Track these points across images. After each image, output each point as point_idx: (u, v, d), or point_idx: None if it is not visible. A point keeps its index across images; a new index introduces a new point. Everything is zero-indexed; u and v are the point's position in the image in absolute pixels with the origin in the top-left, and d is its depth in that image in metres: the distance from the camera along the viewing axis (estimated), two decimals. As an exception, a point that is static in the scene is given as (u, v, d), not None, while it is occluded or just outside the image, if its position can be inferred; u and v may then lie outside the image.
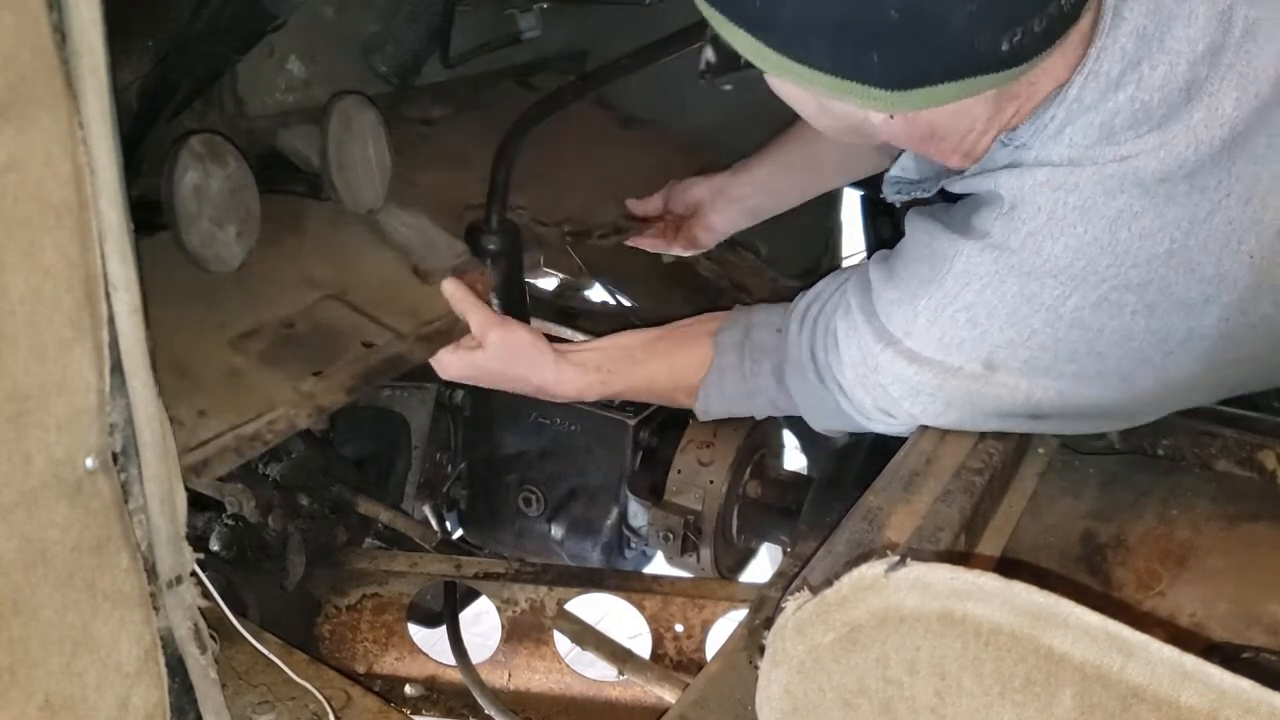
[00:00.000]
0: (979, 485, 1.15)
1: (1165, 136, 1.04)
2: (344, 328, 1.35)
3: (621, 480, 1.66)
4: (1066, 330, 1.09)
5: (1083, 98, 1.05)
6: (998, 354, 1.12)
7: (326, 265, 1.43)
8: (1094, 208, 1.06)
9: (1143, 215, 1.05)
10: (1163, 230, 1.05)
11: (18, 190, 0.73)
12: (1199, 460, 1.30)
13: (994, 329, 1.11)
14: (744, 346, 1.38)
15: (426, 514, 1.74)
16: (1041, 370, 1.12)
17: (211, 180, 1.21)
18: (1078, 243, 1.07)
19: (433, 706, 1.69)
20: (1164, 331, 1.09)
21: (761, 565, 1.90)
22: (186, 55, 1.28)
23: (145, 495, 0.89)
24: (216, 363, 1.22)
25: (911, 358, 1.16)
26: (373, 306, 1.39)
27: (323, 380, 1.26)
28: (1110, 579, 1.15)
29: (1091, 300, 1.08)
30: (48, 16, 0.72)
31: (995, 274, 1.10)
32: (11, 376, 0.75)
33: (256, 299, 1.31)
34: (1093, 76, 1.05)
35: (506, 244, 1.66)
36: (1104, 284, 1.07)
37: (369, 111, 1.39)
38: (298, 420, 1.23)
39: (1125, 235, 1.06)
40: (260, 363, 1.25)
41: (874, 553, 1.04)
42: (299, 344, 1.30)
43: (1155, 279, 1.07)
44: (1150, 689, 0.64)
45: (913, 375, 1.16)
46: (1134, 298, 1.07)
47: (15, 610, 0.80)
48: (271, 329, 1.29)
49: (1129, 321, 1.08)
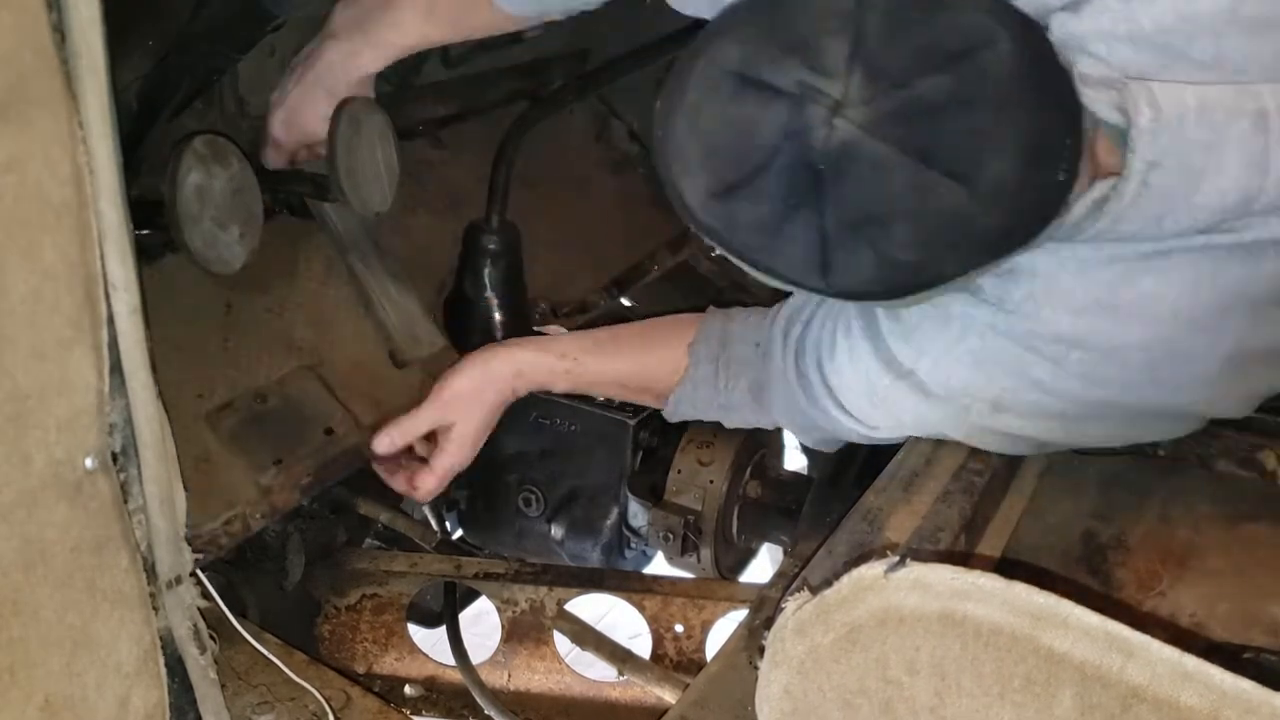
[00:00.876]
0: (979, 485, 1.15)
1: None
2: (310, 408, 1.40)
3: (621, 480, 1.66)
4: (1070, 381, 1.09)
5: (1090, 232, 1.02)
6: (1004, 397, 1.12)
7: (309, 327, 1.46)
8: (1091, 272, 1.05)
9: (1143, 277, 1.04)
10: (1167, 291, 1.04)
11: (18, 190, 0.73)
12: (1199, 460, 1.30)
13: (999, 374, 1.10)
14: (719, 360, 1.37)
15: (426, 514, 1.74)
16: (1046, 413, 1.12)
17: (214, 181, 1.21)
18: (1078, 306, 1.06)
19: (432, 707, 1.69)
20: (1169, 381, 1.09)
21: (761, 565, 1.89)
22: (186, 55, 1.28)
23: (145, 495, 0.89)
24: (192, 442, 1.26)
25: (922, 391, 1.15)
26: (341, 387, 1.44)
27: (281, 473, 1.33)
28: (1110, 579, 1.14)
29: (1094, 357, 1.07)
30: (48, 16, 0.72)
31: (992, 326, 1.09)
32: (11, 376, 0.75)
33: (238, 359, 1.37)
34: (1104, 231, 1.01)
35: (506, 244, 1.66)
36: (1107, 343, 1.07)
37: (377, 115, 1.39)
38: (252, 523, 1.29)
39: (1128, 296, 1.04)
40: (229, 446, 1.31)
41: (874, 553, 1.04)
42: (267, 423, 1.35)
43: (1161, 337, 1.05)
44: (1150, 689, 0.64)
45: (926, 411, 1.17)
46: (1139, 354, 1.07)
47: (15, 610, 0.80)
48: (245, 403, 1.35)
49: (1135, 374, 1.08)
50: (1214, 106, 0.95)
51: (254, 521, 1.30)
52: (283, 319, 1.44)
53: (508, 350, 1.42)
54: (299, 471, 1.36)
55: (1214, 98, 0.95)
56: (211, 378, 1.33)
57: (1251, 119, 0.95)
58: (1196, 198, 0.96)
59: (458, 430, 1.40)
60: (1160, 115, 0.94)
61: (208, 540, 1.24)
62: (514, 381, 1.41)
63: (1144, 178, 0.95)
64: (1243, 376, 1.11)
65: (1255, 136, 0.95)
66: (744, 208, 0.93)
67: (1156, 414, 1.15)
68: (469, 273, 1.66)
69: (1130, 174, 0.96)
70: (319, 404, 1.43)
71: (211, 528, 1.26)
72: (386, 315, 1.55)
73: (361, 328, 1.53)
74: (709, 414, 1.42)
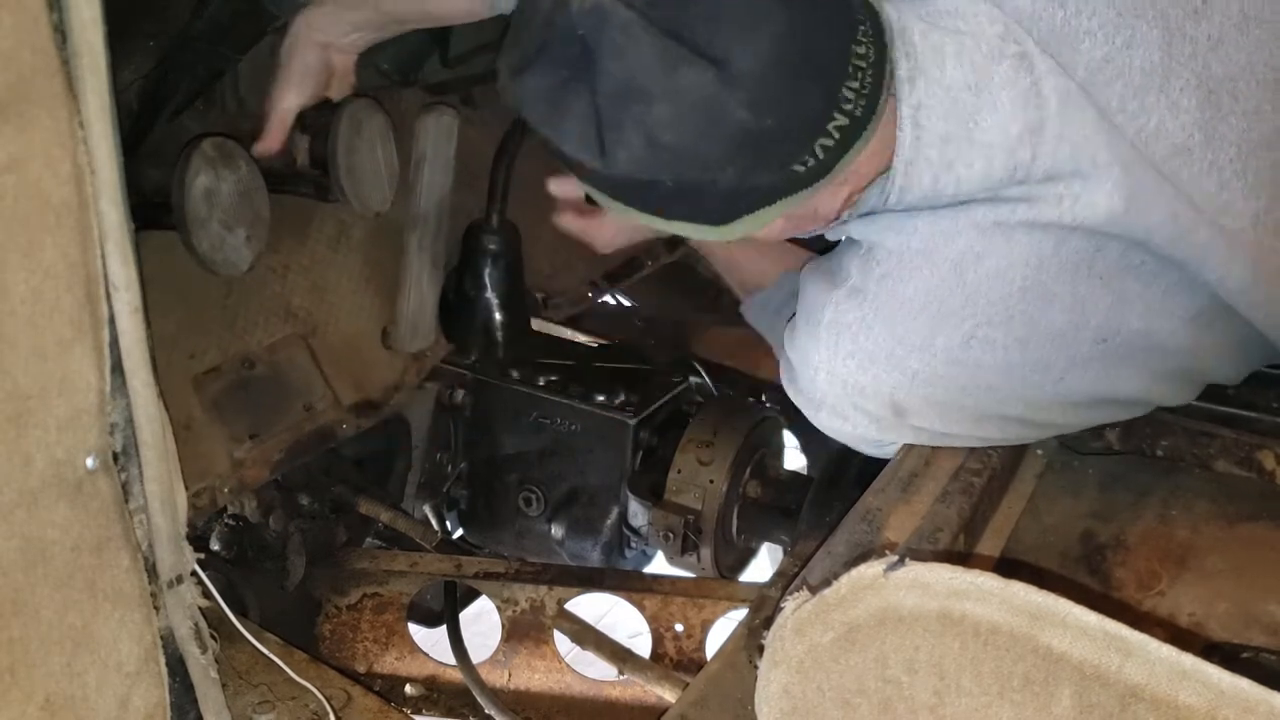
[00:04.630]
0: (978, 486, 1.15)
1: (994, 191, 1.04)
2: (294, 380, 1.43)
3: (621, 480, 1.66)
4: (945, 368, 1.10)
5: (903, 198, 1.06)
6: (898, 395, 1.13)
7: (309, 294, 1.47)
8: (936, 250, 1.07)
9: (986, 256, 1.06)
10: (1011, 268, 1.06)
11: (18, 190, 0.73)
12: (1198, 460, 1.30)
13: (882, 372, 1.12)
14: (783, 308, 1.37)
15: (426, 514, 1.74)
16: (942, 405, 1.14)
17: (222, 184, 1.21)
18: (927, 284, 1.08)
19: (433, 706, 1.69)
20: (1044, 361, 1.11)
21: (761, 565, 1.90)
22: (187, 55, 1.28)
23: (145, 495, 0.89)
24: (178, 406, 1.26)
25: (840, 415, 1.17)
26: (329, 361, 1.47)
27: (255, 448, 1.35)
28: (1110, 579, 1.14)
29: (958, 340, 1.09)
30: (48, 16, 0.72)
31: (862, 320, 1.11)
32: (12, 376, 0.75)
33: (235, 320, 1.37)
34: (906, 188, 1.05)
35: (506, 244, 1.66)
36: (965, 323, 1.08)
37: (378, 115, 1.39)
38: (219, 498, 1.31)
39: (973, 276, 1.07)
40: (210, 414, 1.32)
41: (873, 553, 1.04)
42: (250, 391, 1.37)
43: (1017, 314, 1.07)
44: (1149, 688, 0.64)
45: (851, 430, 1.19)
46: (1000, 334, 1.08)
47: (15, 610, 0.80)
48: (233, 368, 1.36)
49: (1004, 356, 1.09)
50: (972, 51, 1.01)
51: (221, 496, 1.31)
52: (285, 282, 1.45)
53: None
54: (271, 447, 1.37)
55: (971, 45, 1.01)
56: (205, 337, 1.34)
57: (1013, 60, 1.01)
58: (978, 134, 1.02)
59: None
60: (917, 64, 1.01)
61: None
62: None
63: (914, 119, 1.02)
64: (1131, 358, 1.13)
65: (1020, 75, 1.01)
66: (531, 81, 0.99)
67: (1059, 402, 1.16)
68: (469, 272, 1.66)
69: (902, 120, 1.02)
70: (304, 377, 1.44)
71: None
72: (407, 299, 1.56)
73: (359, 301, 1.54)
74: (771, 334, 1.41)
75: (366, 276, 1.55)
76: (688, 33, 0.93)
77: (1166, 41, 1.05)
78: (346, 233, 1.53)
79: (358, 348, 1.52)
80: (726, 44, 0.93)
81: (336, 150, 1.33)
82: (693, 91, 0.94)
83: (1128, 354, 1.13)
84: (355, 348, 1.51)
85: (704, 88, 0.93)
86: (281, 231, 1.43)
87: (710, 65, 0.93)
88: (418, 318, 1.57)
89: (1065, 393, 1.15)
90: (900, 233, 1.09)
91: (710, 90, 0.93)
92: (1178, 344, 1.14)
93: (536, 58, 0.98)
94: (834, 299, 1.13)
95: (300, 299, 1.46)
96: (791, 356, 1.19)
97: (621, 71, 0.94)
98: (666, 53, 0.93)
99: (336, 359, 1.48)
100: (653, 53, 0.93)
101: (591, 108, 0.97)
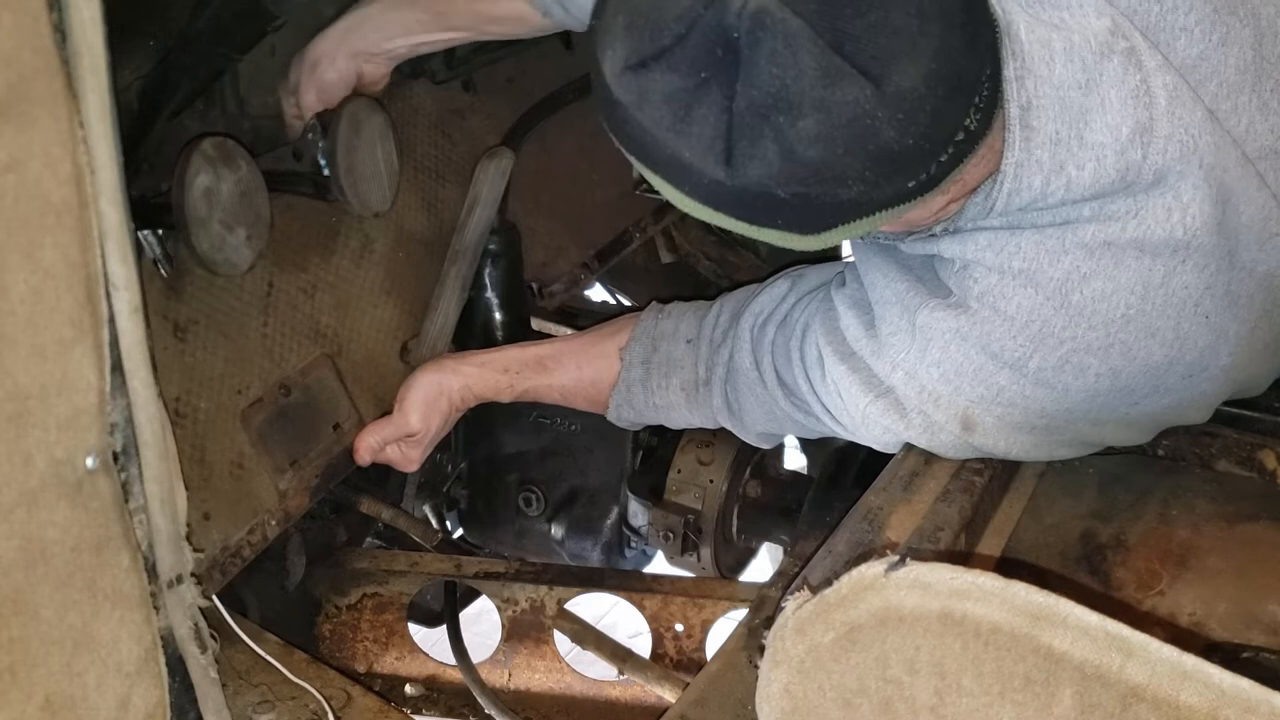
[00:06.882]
0: (979, 485, 1.15)
1: (1103, 204, 1.02)
2: (324, 401, 1.44)
3: (621, 480, 1.66)
4: (1033, 389, 1.09)
5: (1011, 204, 1.03)
6: (972, 412, 1.11)
7: (334, 312, 1.48)
8: (1040, 270, 1.05)
9: (1093, 278, 1.04)
10: (1116, 294, 1.04)
11: (18, 190, 0.73)
12: (1199, 460, 1.30)
13: (965, 385, 1.10)
14: (650, 362, 1.38)
15: (427, 514, 1.74)
16: (1014, 426, 1.12)
17: (223, 184, 1.21)
18: (1030, 304, 1.05)
19: (433, 706, 1.69)
20: (1129, 389, 1.09)
21: (761, 565, 1.90)
22: (187, 55, 1.28)
23: (145, 495, 0.89)
24: (228, 446, 1.30)
25: (899, 411, 1.15)
26: (352, 379, 1.48)
27: (295, 476, 1.37)
28: (1110, 579, 1.14)
29: (1053, 362, 1.07)
30: (48, 16, 0.72)
31: (957, 331, 1.09)
32: (12, 376, 0.75)
33: (272, 348, 1.38)
34: (1015, 192, 1.02)
35: (506, 244, 1.66)
36: (1063, 346, 1.06)
37: (378, 115, 1.39)
38: (269, 531, 1.32)
39: (1078, 298, 1.04)
40: (258, 447, 1.33)
41: (874, 552, 1.04)
42: (288, 419, 1.38)
43: (1116, 343, 1.05)
44: (1150, 688, 0.64)
45: (901, 431, 1.17)
46: (1096, 361, 1.06)
47: (15, 610, 0.80)
48: (272, 397, 1.36)
49: (1094, 384, 1.08)
50: (1081, 48, 0.98)
51: (270, 530, 1.32)
52: (313, 301, 1.45)
53: (455, 365, 1.44)
54: (309, 474, 1.38)
55: (1079, 41, 0.98)
56: (248, 370, 1.34)
57: (1122, 56, 0.98)
58: (1089, 135, 0.99)
59: (418, 437, 1.43)
60: (1025, 63, 0.97)
61: (233, 553, 1.25)
62: (463, 394, 1.44)
63: (1023, 120, 0.98)
64: (1207, 390, 1.12)
65: (1130, 72, 0.98)
66: (657, 79, 0.92)
67: (1121, 423, 1.15)
68: (469, 272, 1.66)
69: (1010, 120, 0.98)
70: (331, 397, 1.44)
71: (238, 539, 1.27)
72: (434, 317, 1.58)
73: (379, 316, 1.54)
74: (647, 416, 1.42)
75: (387, 290, 1.55)
76: (851, 46, 0.88)
77: (1258, 40, 1.03)
78: (370, 246, 1.53)
79: (377, 363, 1.52)
80: (887, 61, 0.88)
81: (337, 151, 1.33)
82: (847, 109, 0.89)
83: (1209, 387, 1.12)
84: (375, 363, 1.52)
85: (858, 105, 0.88)
86: (308, 248, 1.44)
87: (869, 83, 0.88)
88: (439, 337, 1.58)
89: (1134, 418, 1.14)
90: (1001, 251, 1.05)
91: (865, 108, 0.89)
92: (1250, 375, 1.15)
93: (670, 54, 0.91)
94: (930, 304, 1.10)
95: (327, 318, 1.47)
96: (865, 341, 1.15)
97: (773, 81, 0.88)
98: (829, 66, 0.88)
99: (359, 376, 1.49)
100: (814, 65, 0.88)
101: (726, 114, 0.90)
